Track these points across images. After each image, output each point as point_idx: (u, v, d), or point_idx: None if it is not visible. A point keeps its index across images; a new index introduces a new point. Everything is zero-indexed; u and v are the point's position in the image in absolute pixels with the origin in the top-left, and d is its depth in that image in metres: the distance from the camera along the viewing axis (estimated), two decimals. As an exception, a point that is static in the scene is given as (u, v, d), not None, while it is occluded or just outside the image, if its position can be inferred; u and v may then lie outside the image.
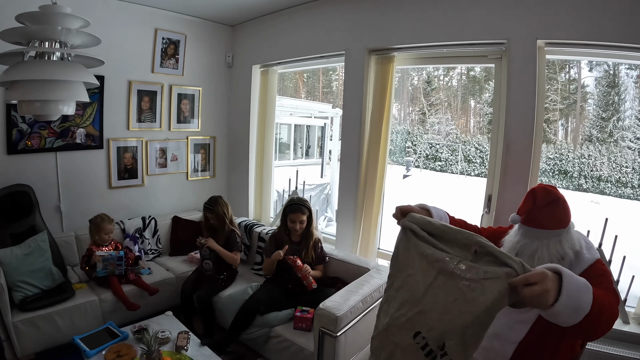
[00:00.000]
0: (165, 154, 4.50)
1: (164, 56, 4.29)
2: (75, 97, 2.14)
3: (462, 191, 14.78)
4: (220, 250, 3.52)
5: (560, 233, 1.62)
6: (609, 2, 2.62)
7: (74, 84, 2.14)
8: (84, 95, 2.21)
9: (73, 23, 2.13)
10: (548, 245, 1.61)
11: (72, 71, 2.08)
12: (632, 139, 15.96)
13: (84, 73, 2.14)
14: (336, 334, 2.57)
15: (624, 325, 2.83)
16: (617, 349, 2.66)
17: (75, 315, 3.07)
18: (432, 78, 21.86)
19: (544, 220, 1.63)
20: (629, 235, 3.33)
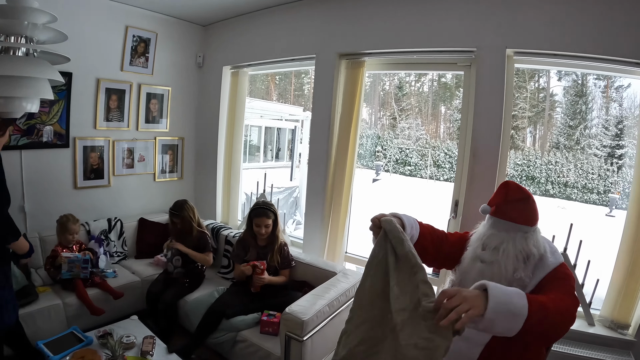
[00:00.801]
0: (132, 154, 4.42)
1: (134, 54, 4.21)
2: (40, 94, 2.08)
3: (430, 196, 14.99)
4: (189, 253, 3.50)
5: (527, 230, 1.66)
6: (578, 14, 2.71)
7: (39, 81, 2.08)
8: (48, 92, 2.15)
9: (40, 18, 2.08)
10: (514, 240, 1.65)
11: (37, 68, 2.03)
12: (598, 147, 16.48)
13: (49, 70, 2.09)
14: (302, 338, 2.57)
15: (589, 327, 2.92)
16: (583, 350, 2.75)
17: (39, 319, 2.97)
18: (403, 83, 22.15)
19: (514, 214, 1.68)
20: (593, 240, 3.43)
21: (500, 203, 1.72)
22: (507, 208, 1.69)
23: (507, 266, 1.63)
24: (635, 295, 2.85)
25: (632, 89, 15.62)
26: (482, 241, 1.73)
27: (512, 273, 1.63)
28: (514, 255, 1.63)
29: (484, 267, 1.68)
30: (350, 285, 3.13)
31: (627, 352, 2.74)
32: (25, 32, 2.03)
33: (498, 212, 1.71)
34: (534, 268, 1.66)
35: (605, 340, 2.82)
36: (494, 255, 1.67)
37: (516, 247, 1.64)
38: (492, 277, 1.61)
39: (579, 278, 2.96)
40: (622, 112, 16.75)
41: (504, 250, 1.65)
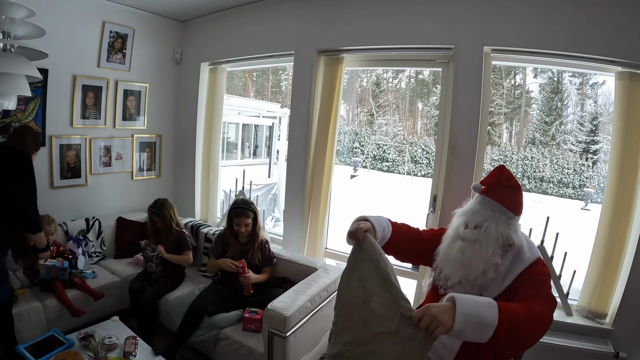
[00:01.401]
0: (109, 152, 4.35)
1: (111, 50, 4.14)
2: (17, 90, 2.05)
3: (408, 191, 15.12)
4: (171, 258, 3.50)
5: (512, 216, 1.72)
6: (554, 12, 2.77)
7: (16, 77, 2.05)
8: (25, 89, 2.12)
9: (17, 12, 2.03)
10: (498, 221, 1.69)
11: (14, 63, 1.99)
12: (573, 142, 16.83)
13: (27, 65, 2.05)
14: (285, 334, 2.58)
15: (567, 317, 3.00)
16: (562, 340, 2.81)
17: (18, 322, 2.84)
18: (381, 80, 22.29)
19: (503, 197, 1.73)
20: (569, 232, 3.51)
21: (492, 184, 1.77)
22: (498, 190, 1.75)
23: (488, 246, 1.67)
24: (612, 286, 2.93)
25: (607, 85, 16.01)
26: (467, 217, 1.77)
27: (490, 255, 1.67)
28: (495, 236, 1.68)
29: (465, 245, 1.72)
30: (332, 280, 3.15)
31: (605, 340, 2.82)
32: (2, 26, 1.99)
33: (488, 191, 1.77)
34: (511, 261, 1.70)
35: (583, 330, 2.90)
36: (476, 234, 1.71)
37: (498, 229, 1.68)
38: (472, 256, 1.68)
39: (556, 269, 3.04)
40: (597, 109, 17.15)
41: (486, 229, 1.69)
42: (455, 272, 1.74)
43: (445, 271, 1.80)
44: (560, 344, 2.78)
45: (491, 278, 1.68)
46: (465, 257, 1.70)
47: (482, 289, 1.72)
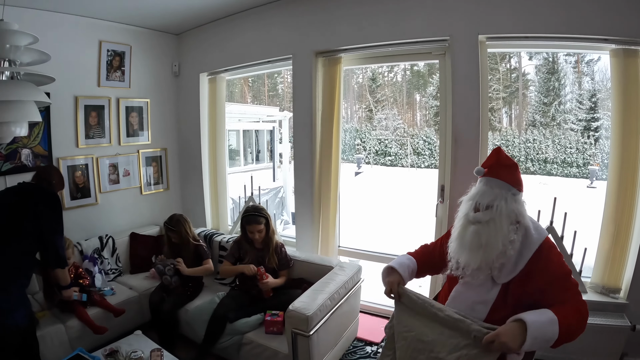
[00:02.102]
0: (116, 169, 4.39)
1: (110, 69, 4.19)
2: (28, 117, 2.09)
3: (414, 183, 15.10)
4: (192, 272, 3.53)
5: (516, 192, 1.77)
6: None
7: (26, 104, 2.07)
8: (36, 114, 2.15)
9: (22, 40, 2.07)
10: (506, 198, 1.74)
11: (23, 90, 2.02)
12: (574, 121, 16.78)
13: (35, 92, 2.09)
14: (309, 333, 2.62)
15: (582, 294, 3.00)
16: None
17: (41, 344, 2.84)
18: (376, 75, 22.30)
19: (505, 175, 1.79)
20: (577, 211, 3.53)
21: (493, 164, 1.83)
22: (499, 169, 1.80)
23: (502, 224, 1.71)
24: (623, 260, 2.97)
25: (603, 62, 15.96)
26: (475, 199, 1.80)
27: (507, 232, 1.70)
28: (507, 214, 1.71)
29: (480, 227, 1.75)
30: (348, 277, 3.19)
31: (621, 314, 2.86)
32: (7, 55, 2.02)
33: (491, 172, 1.82)
34: (521, 243, 1.73)
35: (599, 305, 2.93)
36: (489, 214, 1.74)
37: (508, 206, 1.72)
38: (489, 237, 1.71)
39: (567, 249, 3.06)
40: (594, 86, 17.11)
41: (497, 207, 1.72)
42: (474, 258, 1.76)
43: (463, 259, 1.81)
44: (578, 320, 2.81)
45: (510, 255, 1.71)
46: (482, 239, 1.72)
47: (496, 275, 1.75)
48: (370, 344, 3.50)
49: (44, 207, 2.55)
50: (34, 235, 2.50)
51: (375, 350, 3.40)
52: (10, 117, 2.02)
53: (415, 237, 3.63)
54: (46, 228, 2.53)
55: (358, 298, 3.48)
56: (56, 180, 2.89)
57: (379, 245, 4.79)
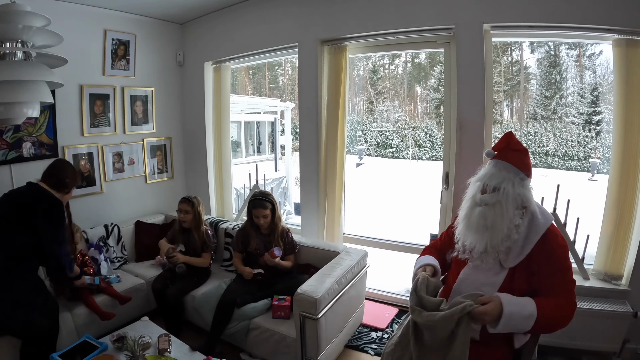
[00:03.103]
0: (121, 158, 4.40)
1: (115, 58, 4.19)
2: (40, 97, 2.09)
3: (415, 175, 15.10)
4: (188, 260, 3.56)
5: (524, 177, 1.78)
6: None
7: (38, 85, 2.08)
8: (48, 96, 2.15)
9: (34, 21, 2.07)
10: (513, 182, 1.75)
11: (36, 71, 2.02)
12: (575, 115, 16.74)
13: (47, 72, 2.09)
14: (317, 316, 2.64)
15: (584, 281, 3.06)
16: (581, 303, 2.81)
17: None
18: (377, 67, 22.23)
19: (514, 159, 1.80)
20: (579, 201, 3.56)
21: (503, 148, 1.84)
22: (509, 153, 1.81)
23: (508, 207, 1.73)
24: (625, 248, 2.99)
25: (605, 55, 15.89)
26: (483, 181, 1.82)
27: (512, 216, 1.73)
28: (513, 197, 1.73)
29: (486, 209, 1.77)
30: (355, 262, 3.22)
31: (623, 301, 2.89)
32: (20, 36, 2.02)
33: (500, 155, 1.83)
34: (527, 227, 1.76)
35: (601, 292, 2.97)
36: (495, 197, 1.76)
37: (515, 189, 1.74)
38: (495, 218, 1.73)
39: (570, 235, 3.08)
40: (596, 79, 17.03)
41: (504, 189, 1.74)
42: (480, 239, 1.78)
43: (469, 241, 1.83)
44: (580, 307, 2.81)
45: (515, 239, 1.73)
46: (488, 221, 1.75)
47: (502, 258, 1.77)
48: (375, 330, 3.52)
49: (42, 221, 2.51)
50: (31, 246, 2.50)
51: (380, 336, 3.43)
52: (23, 97, 2.03)
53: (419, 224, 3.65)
54: (46, 240, 2.52)
55: (364, 284, 3.51)
56: (69, 177, 2.81)
57: (383, 233, 4.82)
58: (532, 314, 1.63)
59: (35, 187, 2.66)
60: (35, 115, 2.21)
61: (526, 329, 1.65)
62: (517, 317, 1.62)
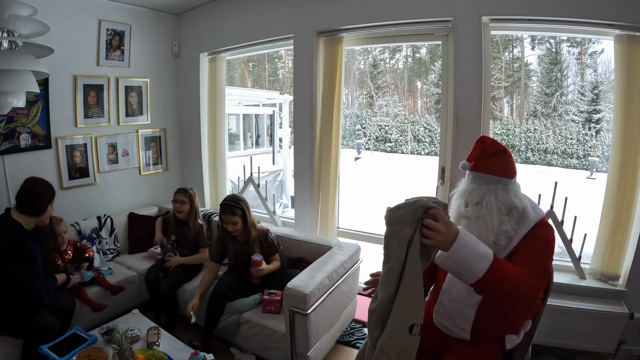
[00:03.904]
0: (115, 149, 4.37)
1: (109, 48, 4.14)
2: (26, 87, 2.05)
3: (413, 170, 15.13)
4: (187, 261, 3.54)
5: (507, 182, 1.71)
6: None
7: (24, 74, 2.04)
8: (34, 85, 2.12)
9: (21, 10, 2.03)
10: (496, 192, 1.69)
11: (21, 60, 1.99)
12: (575, 113, 16.74)
13: (33, 62, 2.05)
14: (306, 311, 2.61)
15: (580, 280, 3.04)
16: (577, 303, 2.87)
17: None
18: (378, 61, 22.24)
19: (492, 166, 1.72)
20: (577, 200, 3.54)
21: (478, 157, 1.76)
22: (485, 162, 1.73)
23: (493, 219, 1.67)
24: (623, 248, 2.97)
25: (606, 54, 15.86)
26: (464, 198, 1.76)
27: (497, 226, 1.68)
28: (497, 208, 1.68)
29: (470, 223, 1.72)
30: (347, 257, 3.18)
31: (619, 301, 2.87)
32: (6, 25, 1.99)
33: (477, 166, 1.75)
34: (517, 221, 1.71)
35: (598, 292, 2.95)
36: (478, 211, 1.71)
37: (498, 200, 1.68)
38: (479, 232, 1.66)
39: (567, 234, 3.05)
40: (597, 78, 17.01)
41: (486, 204, 1.69)
42: None
43: None
44: (576, 306, 2.84)
45: (503, 245, 1.69)
46: (472, 232, 1.67)
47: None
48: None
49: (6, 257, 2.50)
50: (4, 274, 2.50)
51: (373, 332, 3.40)
52: (8, 87, 2.00)
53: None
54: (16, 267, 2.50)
55: (357, 279, 3.48)
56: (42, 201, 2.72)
57: (378, 228, 4.79)
58: (487, 255, 1.50)
59: (4, 219, 2.63)
60: (21, 105, 2.17)
61: (477, 273, 1.48)
62: (471, 250, 1.49)
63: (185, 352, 2.48)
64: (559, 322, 2.83)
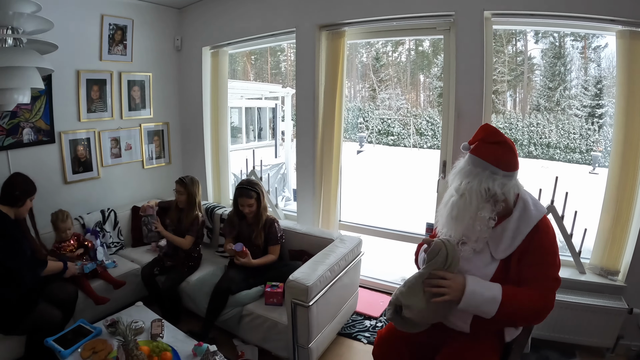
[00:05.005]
0: (118, 143, 4.39)
1: (112, 43, 4.15)
2: (30, 84, 2.07)
3: (415, 163, 15.11)
4: (167, 235, 3.50)
5: (496, 172, 1.72)
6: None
7: (29, 71, 2.07)
8: (38, 82, 2.15)
9: (25, 7, 2.05)
10: (481, 176, 1.72)
11: (26, 57, 2.01)
12: (578, 107, 16.66)
13: (38, 59, 2.07)
14: (308, 303, 2.64)
15: (580, 275, 3.05)
16: (576, 297, 2.89)
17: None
18: (380, 55, 22.16)
19: (486, 153, 1.74)
20: (578, 194, 3.55)
21: (478, 141, 1.80)
22: (482, 147, 1.77)
23: (472, 200, 1.72)
24: (623, 243, 2.98)
25: (610, 49, 15.73)
26: (460, 174, 1.81)
27: (475, 210, 1.72)
28: (477, 190, 1.71)
29: (456, 199, 1.77)
30: (349, 249, 3.20)
31: (619, 296, 2.89)
32: (11, 22, 2.00)
33: (474, 150, 1.79)
34: (519, 218, 1.75)
35: (597, 287, 2.96)
36: (462, 188, 1.76)
37: (481, 184, 1.71)
38: (459, 210, 1.74)
39: (567, 228, 3.06)
40: (600, 72, 16.91)
41: (469, 183, 1.74)
42: (451, 229, 1.81)
43: (445, 231, 1.85)
44: (575, 301, 2.85)
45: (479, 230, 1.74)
46: (454, 211, 1.77)
47: (493, 249, 1.77)
48: (369, 318, 3.53)
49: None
50: None
51: (374, 325, 3.44)
52: (13, 83, 2.02)
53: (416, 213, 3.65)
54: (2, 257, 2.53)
55: (358, 271, 3.51)
56: (19, 190, 2.76)
57: (380, 221, 4.82)
58: (496, 297, 1.64)
59: None
60: (26, 101, 2.20)
61: (491, 313, 1.64)
62: (479, 298, 1.65)
63: (188, 343, 2.50)
64: (559, 316, 2.83)
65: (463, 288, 1.66)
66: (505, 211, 1.78)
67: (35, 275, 2.72)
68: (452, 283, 1.68)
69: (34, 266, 2.72)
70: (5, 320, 2.59)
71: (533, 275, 1.69)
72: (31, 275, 2.68)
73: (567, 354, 2.97)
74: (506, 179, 1.72)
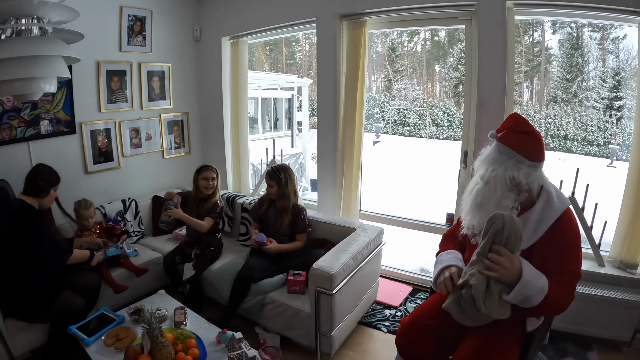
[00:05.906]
0: (139, 133, 4.43)
1: (131, 34, 4.18)
2: (57, 72, 2.09)
3: (432, 154, 15.04)
4: (185, 218, 3.46)
5: (522, 161, 1.72)
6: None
7: (54, 60, 2.08)
8: (64, 70, 2.16)
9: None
10: (506, 164, 1.73)
11: (52, 46, 2.02)
12: (596, 99, 16.40)
13: (64, 48, 2.08)
14: (332, 291, 2.64)
15: (599, 268, 3.02)
16: (595, 290, 2.86)
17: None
18: (396, 45, 22.00)
19: (513, 142, 1.75)
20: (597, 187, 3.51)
21: (506, 130, 1.81)
22: (509, 136, 1.77)
23: (496, 188, 1.73)
24: (642, 237, 2.92)
25: (628, 39, 15.43)
26: (486, 161, 1.82)
27: (499, 198, 1.72)
28: (502, 178, 1.72)
29: (482, 186, 1.79)
30: (371, 238, 3.21)
31: (637, 290, 2.86)
32: (36, 11, 2.02)
33: (502, 138, 1.80)
34: (542, 209, 1.75)
35: (615, 280, 2.94)
36: (487, 176, 1.77)
37: (506, 172, 1.72)
38: (484, 197, 1.76)
39: (587, 221, 3.03)
40: (619, 64, 16.60)
41: (494, 170, 1.74)
42: (475, 217, 1.82)
43: (469, 219, 1.87)
44: (594, 293, 2.84)
45: None
46: (478, 198, 1.78)
47: None
48: (389, 308, 3.54)
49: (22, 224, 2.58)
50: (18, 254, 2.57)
51: (394, 314, 3.44)
52: (40, 72, 2.03)
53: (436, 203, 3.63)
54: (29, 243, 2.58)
55: (379, 261, 3.51)
56: (42, 181, 2.82)
57: (399, 211, 4.81)
58: (544, 288, 1.63)
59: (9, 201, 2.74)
60: (53, 90, 2.21)
61: (534, 304, 1.63)
62: (533, 288, 1.62)
63: (212, 331, 2.52)
64: (576, 308, 2.79)
65: (518, 273, 1.62)
66: (529, 202, 1.78)
67: (60, 264, 2.76)
68: (506, 261, 1.62)
69: (59, 254, 2.76)
70: (30, 308, 2.63)
71: (554, 268, 1.70)
72: (56, 263, 2.72)
73: (584, 347, 2.95)
74: (531, 169, 1.72)
